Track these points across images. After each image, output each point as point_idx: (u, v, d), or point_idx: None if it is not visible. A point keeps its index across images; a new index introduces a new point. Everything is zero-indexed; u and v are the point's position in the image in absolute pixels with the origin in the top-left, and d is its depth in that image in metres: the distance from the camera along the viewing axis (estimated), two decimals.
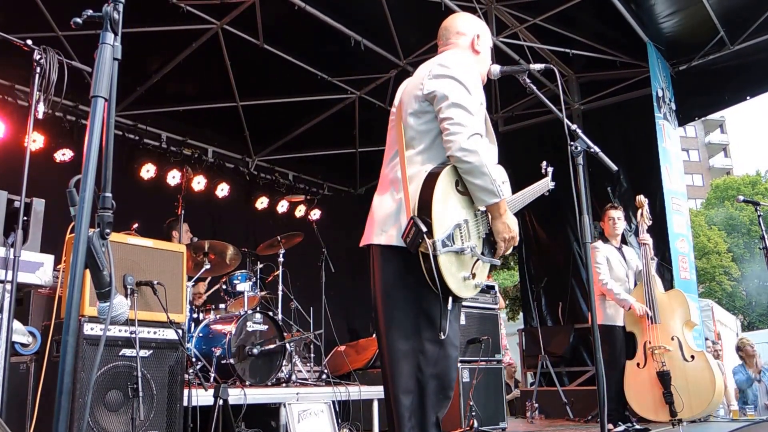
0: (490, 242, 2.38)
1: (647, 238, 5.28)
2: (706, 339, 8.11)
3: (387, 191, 2.37)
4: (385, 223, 2.32)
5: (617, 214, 5.46)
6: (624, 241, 5.61)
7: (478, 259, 2.29)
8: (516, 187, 2.79)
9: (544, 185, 2.98)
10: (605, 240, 5.42)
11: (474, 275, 2.27)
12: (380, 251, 2.34)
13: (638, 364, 5.03)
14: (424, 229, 2.10)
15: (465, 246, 2.21)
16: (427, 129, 2.35)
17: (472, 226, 2.30)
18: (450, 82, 2.30)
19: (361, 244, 2.46)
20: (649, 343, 5.01)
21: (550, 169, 3.04)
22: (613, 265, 5.27)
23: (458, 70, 2.34)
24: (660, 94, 7.03)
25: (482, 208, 2.34)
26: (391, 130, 2.51)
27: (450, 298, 2.21)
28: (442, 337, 2.20)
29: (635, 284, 5.31)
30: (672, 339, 5.00)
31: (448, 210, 2.21)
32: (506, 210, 2.33)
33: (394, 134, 2.47)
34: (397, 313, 2.29)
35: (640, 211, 5.37)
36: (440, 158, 2.30)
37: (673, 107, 7.43)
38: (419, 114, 2.36)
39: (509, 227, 2.33)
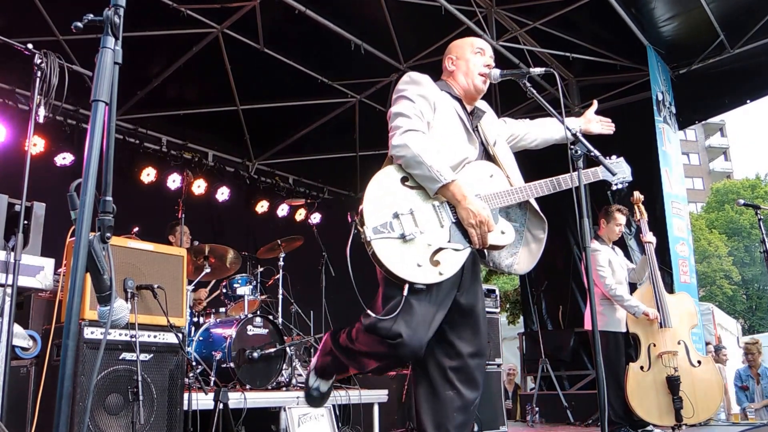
0: (463, 230, 2.44)
1: (651, 237, 5.15)
2: (708, 344, 8.11)
3: None
4: None
5: (624, 220, 5.30)
6: (616, 242, 5.50)
7: (439, 248, 2.37)
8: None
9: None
10: (601, 241, 5.26)
11: (436, 262, 2.35)
12: None
13: (642, 368, 4.94)
14: (357, 218, 2.37)
15: (407, 232, 2.32)
16: None
17: (427, 216, 2.40)
18: (397, 100, 2.57)
19: None
20: (654, 345, 4.93)
21: (620, 159, 3.13)
22: (615, 269, 5.12)
23: (403, 86, 2.59)
24: (660, 97, 7.03)
25: (442, 198, 2.44)
26: None
27: (406, 285, 2.31)
28: (372, 315, 2.39)
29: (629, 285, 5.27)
30: (679, 343, 4.93)
31: (386, 202, 2.38)
32: (465, 196, 2.39)
33: None
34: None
35: (636, 208, 5.29)
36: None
37: (673, 111, 7.44)
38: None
39: (472, 212, 2.39)
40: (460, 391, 2.46)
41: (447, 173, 2.38)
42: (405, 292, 2.31)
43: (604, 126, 3.30)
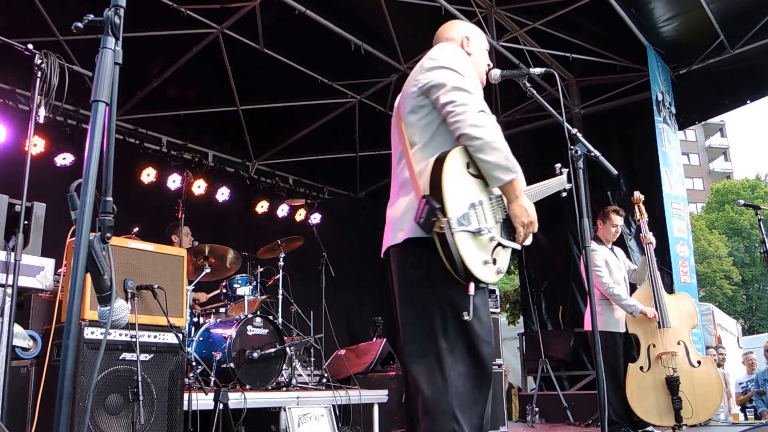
0: (508, 228, 2.28)
1: (651, 237, 5.16)
2: (708, 347, 8.10)
3: (398, 196, 2.32)
4: (399, 222, 2.25)
5: (620, 221, 5.32)
6: (615, 242, 5.51)
7: (498, 244, 2.19)
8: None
9: (560, 183, 2.82)
10: (599, 241, 5.27)
11: (494, 260, 2.17)
12: (396, 252, 2.27)
13: (642, 368, 4.93)
14: (437, 205, 2.03)
15: (482, 227, 2.12)
16: (428, 122, 2.29)
17: (488, 209, 2.21)
18: (444, 71, 2.27)
19: (381, 256, 2.39)
20: (654, 346, 4.93)
21: (564, 170, 2.95)
22: (612, 269, 5.13)
23: (449, 60, 2.32)
24: (660, 98, 7.04)
25: (497, 192, 2.26)
26: (393, 135, 2.48)
27: (472, 284, 2.11)
28: (467, 317, 2.09)
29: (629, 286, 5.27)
30: (678, 344, 4.93)
31: (462, 189, 2.12)
32: (522, 193, 2.24)
33: (395, 138, 2.44)
34: (416, 314, 2.19)
35: (636, 207, 5.30)
36: (444, 148, 2.21)
37: (673, 111, 7.44)
38: (417, 109, 2.32)
39: (527, 211, 2.23)
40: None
41: (517, 165, 2.19)
42: (471, 292, 2.11)
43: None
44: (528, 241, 2.36)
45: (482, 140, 2.14)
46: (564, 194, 2.85)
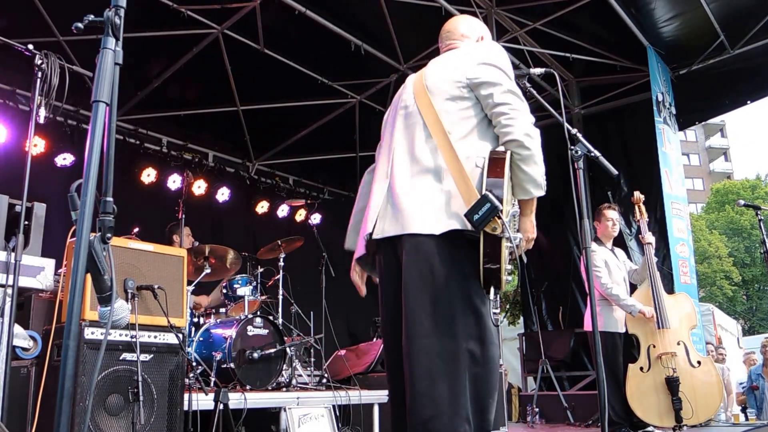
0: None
1: (650, 238, 5.17)
2: (708, 343, 8.11)
3: (422, 180, 2.18)
4: (423, 210, 2.13)
5: (615, 215, 5.33)
6: (615, 243, 5.52)
7: (511, 253, 2.16)
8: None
9: None
10: (599, 242, 5.28)
11: (507, 270, 2.15)
12: (422, 240, 2.11)
13: (642, 368, 4.93)
14: (500, 207, 1.96)
15: (517, 236, 2.12)
16: (467, 115, 2.21)
17: (516, 219, 2.23)
18: (497, 72, 2.22)
19: (376, 236, 2.26)
20: (654, 347, 4.93)
21: None
22: (612, 269, 5.13)
23: (501, 61, 2.26)
24: (660, 98, 7.04)
25: (524, 197, 2.21)
26: (407, 119, 2.35)
27: (492, 289, 2.11)
28: (496, 323, 2.12)
29: (629, 285, 5.28)
30: (678, 344, 4.93)
31: (509, 196, 2.11)
32: (534, 209, 2.27)
33: (412, 124, 2.31)
34: (440, 306, 2.08)
35: (636, 207, 5.31)
36: (481, 147, 2.17)
37: (673, 111, 7.44)
38: (457, 99, 2.23)
39: (534, 227, 2.28)
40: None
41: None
42: (492, 297, 2.14)
43: None
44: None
45: (530, 152, 2.12)
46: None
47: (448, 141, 2.17)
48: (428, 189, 2.16)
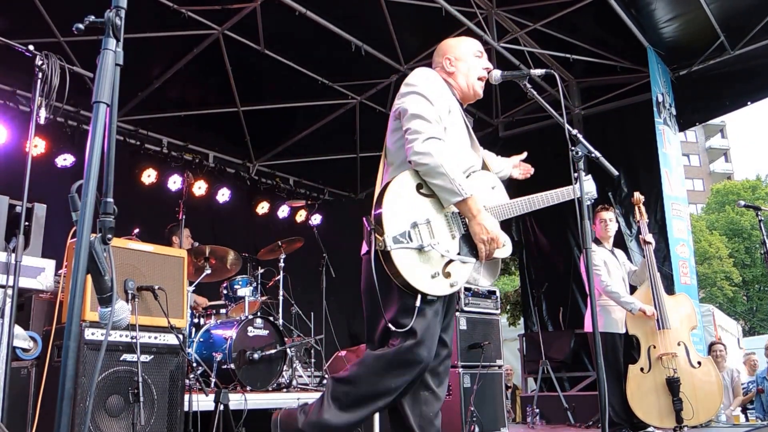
0: (470, 243, 2.42)
1: (650, 238, 5.17)
2: (715, 343, 8.09)
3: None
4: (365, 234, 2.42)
5: (609, 216, 5.37)
6: (615, 243, 5.53)
7: (451, 259, 2.34)
8: (517, 191, 2.79)
9: (568, 193, 2.80)
10: (597, 243, 5.29)
11: (448, 274, 2.32)
12: (362, 262, 2.46)
13: (642, 369, 4.93)
14: (369, 227, 2.25)
15: (424, 243, 2.28)
16: (401, 145, 2.45)
17: (440, 226, 2.37)
18: (411, 97, 2.43)
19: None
20: (654, 347, 4.92)
21: (589, 177, 2.84)
22: (611, 269, 5.14)
23: (420, 83, 2.46)
24: (660, 99, 7.03)
25: (454, 209, 2.40)
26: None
27: (419, 296, 2.27)
28: (392, 328, 2.28)
29: (629, 287, 5.28)
30: (678, 344, 4.93)
31: (403, 210, 2.31)
32: (479, 210, 2.36)
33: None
34: (372, 316, 2.40)
35: (637, 208, 5.32)
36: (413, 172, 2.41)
37: (674, 112, 7.44)
38: (393, 132, 2.52)
39: (485, 228, 2.36)
40: (434, 391, 2.48)
41: (466, 187, 2.33)
42: (417, 303, 2.27)
43: (523, 173, 3.22)
44: (500, 253, 2.48)
45: (426, 166, 2.31)
46: (589, 203, 2.81)
47: (379, 172, 2.53)
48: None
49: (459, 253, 2.38)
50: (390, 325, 2.28)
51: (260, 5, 6.36)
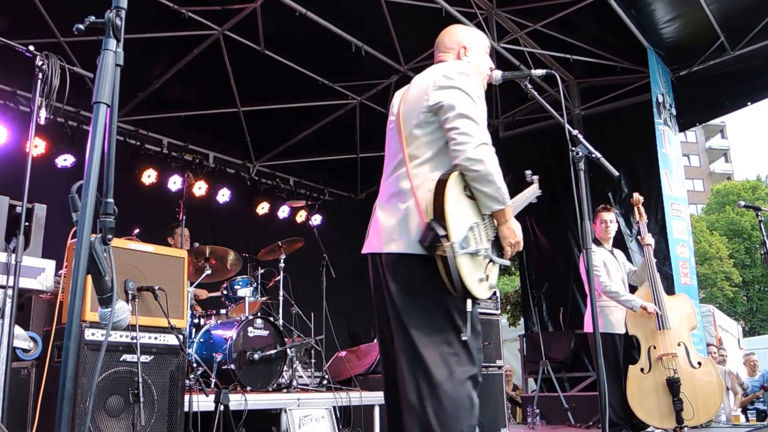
0: (497, 245, 2.40)
1: (649, 239, 5.18)
2: (709, 345, 8.10)
3: (392, 202, 2.38)
4: (393, 231, 2.32)
5: (610, 217, 5.35)
6: (615, 244, 5.53)
7: (490, 261, 2.32)
8: (516, 191, 2.79)
9: (532, 193, 2.97)
10: (597, 243, 5.28)
11: (488, 277, 2.29)
12: (392, 260, 2.33)
13: (642, 370, 4.92)
14: (442, 232, 2.13)
15: (479, 248, 2.24)
16: (433, 139, 2.35)
17: (482, 230, 2.32)
18: (456, 93, 2.32)
19: (364, 251, 2.47)
20: (654, 348, 4.92)
21: (535, 177, 3.05)
22: (610, 270, 5.14)
23: (463, 81, 2.36)
24: (660, 99, 7.03)
25: (488, 212, 2.36)
26: (391, 140, 2.52)
27: (469, 300, 2.23)
28: (464, 337, 2.22)
29: (629, 287, 5.28)
30: (678, 345, 4.93)
31: (461, 213, 2.24)
32: (511, 216, 2.37)
33: (394, 145, 2.48)
34: (416, 321, 2.26)
35: (636, 209, 5.32)
36: (446, 167, 2.31)
37: (674, 113, 7.44)
38: (423, 125, 2.37)
39: (514, 232, 2.37)
40: None
41: (507, 194, 2.33)
42: (469, 307, 2.24)
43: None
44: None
45: (478, 173, 2.24)
46: (535, 200, 2.98)
47: (408, 167, 2.37)
48: (396, 211, 2.35)
49: (495, 256, 2.37)
50: (463, 335, 2.22)
51: (260, 5, 6.36)
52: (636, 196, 5.36)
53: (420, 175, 2.32)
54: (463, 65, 2.48)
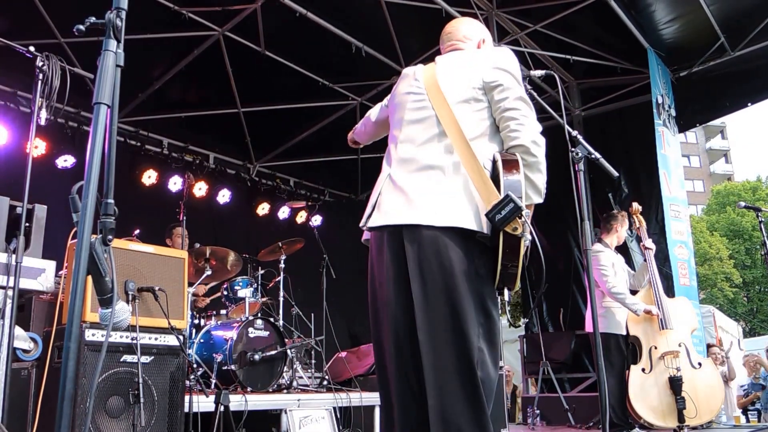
0: None
1: (650, 244, 5.21)
2: (710, 346, 8.10)
3: (427, 174, 2.21)
4: (435, 203, 2.15)
5: (626, 227, 5.44)
6: (618, 248, 5.54)
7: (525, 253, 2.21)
8: None
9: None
10: (604, 244, 5.30)
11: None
12: (432, 234, 2.13)
13: (643, 370, 4.94)
14: (523, 207, 2.00)
15: (532, 237, 2.12)
16: (480, 118, 2.26)
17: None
18: (511, 78, 2.28)
19: (383, 223, 2.25)
20: (655, 348, 4.93)
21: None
22: (617, 270, 5.17)
23: (515, 69, 2.32)
24: (660, 100, 7.03)
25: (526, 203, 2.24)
26: (412, 112, 2.37)
27: (506, 290, 2.17)
28: (504, 321, 2.16)
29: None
30: (679, 345, 4.94)
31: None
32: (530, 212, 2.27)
33: (422, 118, 2.33)
34: (456, 298, 2.09)
35: (635, 218, 5.35)
36: (489, 149, 2.22)
37: (673, 114, 7.43)
38: (472, 101, 2.27)
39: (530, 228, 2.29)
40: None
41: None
42: (507, 297, 2.20)
43: None
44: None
45: (536, 159, 2.17)
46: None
47: (465, 140, 2.20)
48: (441, 185, 2.18)
49: None
50: (498, 321, 2.12)
51: (260, 6, 6.36)
52: (635, 205, 5.41)
53: (477, 150, 2.19)
54: (511, 55, 2.39)
